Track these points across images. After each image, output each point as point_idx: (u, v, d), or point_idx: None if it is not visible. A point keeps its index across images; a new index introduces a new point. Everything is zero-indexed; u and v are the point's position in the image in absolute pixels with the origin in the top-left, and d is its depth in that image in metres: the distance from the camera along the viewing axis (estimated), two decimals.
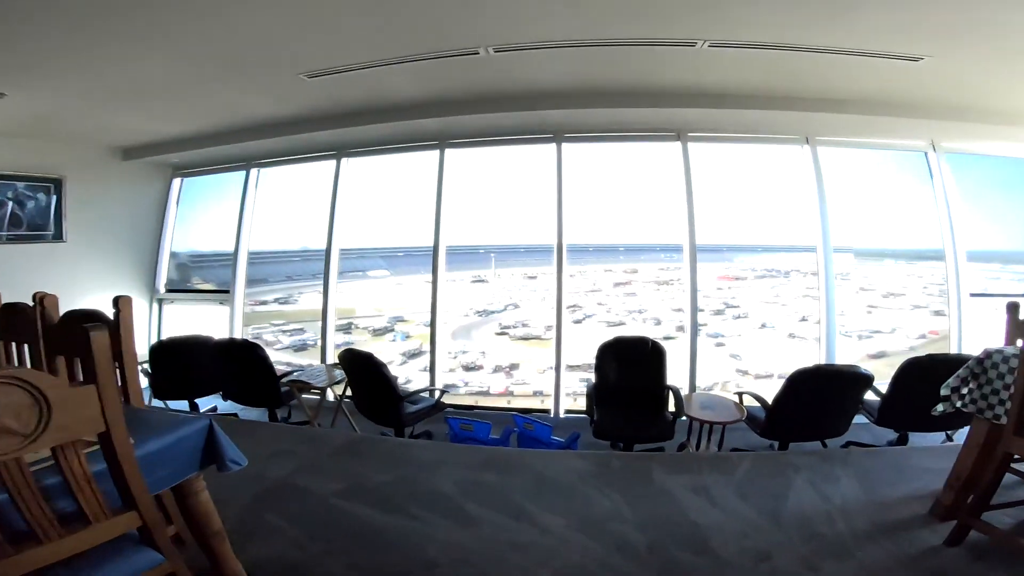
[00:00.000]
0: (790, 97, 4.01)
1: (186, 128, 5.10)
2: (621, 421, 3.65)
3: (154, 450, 1.32)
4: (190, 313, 6.37)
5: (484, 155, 5.47)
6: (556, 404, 4.91)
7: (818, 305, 4.75)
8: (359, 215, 5.72)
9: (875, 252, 5.12)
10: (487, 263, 5.68)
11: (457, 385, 5.37)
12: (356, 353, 3.93)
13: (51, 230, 5.29)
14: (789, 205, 5.14)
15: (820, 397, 3.35)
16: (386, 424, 3.88)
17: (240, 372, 4.15)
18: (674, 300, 5.24)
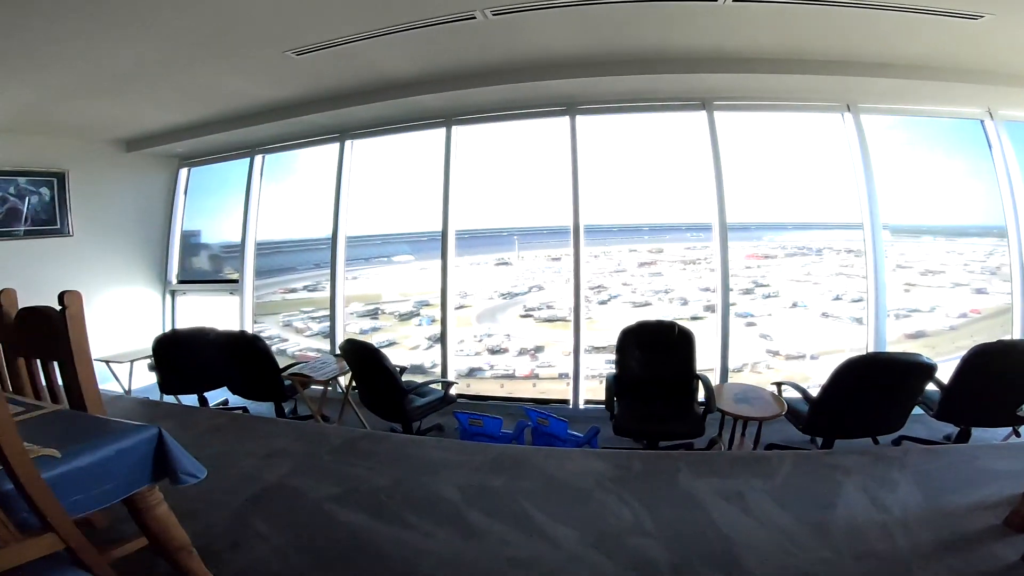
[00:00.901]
0: (829, 60, 3.66)
1: (184, 117, 5.04)
2: (644, 416, 3.42)
3: (87, 464, 1.18)
4: (203, 304, 6.40)
5: (498, 133, 5.28)
6: (575, 394, 4.71)
7: (865, 285, 4.44)
8: (382, 200, 5.73)
9: (912, 228, 4.90)
10: (511, 246, 5.68)
11: (483, 368, 5.40)
12: (356, 344, 3.80)
13: (57, 225, 5.31)
14: (825, 179, 4.90)
15: (874, 389, 3.05)
16: (391, 419, 3.76)
17: (243, 365, 4.07)
18: (701, 280, 5.17)
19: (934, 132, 4.77)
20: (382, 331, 5.73)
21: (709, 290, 5.01)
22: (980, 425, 3.38)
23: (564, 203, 4.63)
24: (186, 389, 4.43)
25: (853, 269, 4.82)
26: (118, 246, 5.95)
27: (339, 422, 4.22)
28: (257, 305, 6.13)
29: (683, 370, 3.62)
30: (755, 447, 3.60)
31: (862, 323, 4.70)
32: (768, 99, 4.34)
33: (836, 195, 4.78)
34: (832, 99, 4.30)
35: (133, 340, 5.24)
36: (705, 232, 4.90)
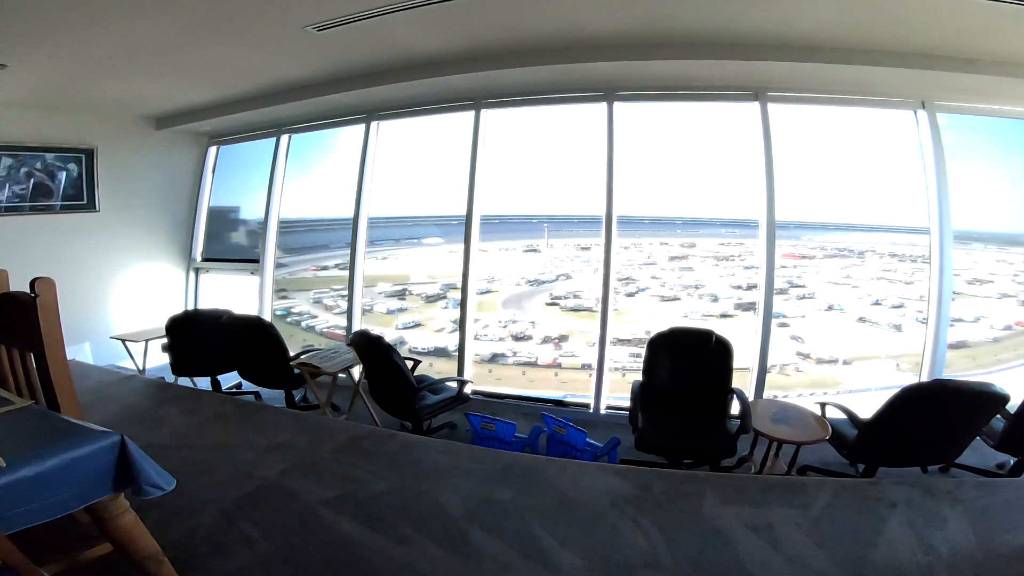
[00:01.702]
0: (901, 52, 3.35)
1: (210, 95, 5.08)
2: (670, 431, 3.22)
3: (34, 474, 1.09)
4: (225, 283, 6.50)
5: (531, 117, 5.14)
6: (596, 398, 4.53)
7: (927, 295, 4.15)
8: (412, 182, 5.78)
9: (961, 234, 4.53)
10: (540, 233, 5.69)
11: (505, 355, 5.42)
12: (367, 336, 3.70)
13: (84, 200, 5.42)
14: (881, 180, 4.68)
15: (936, 419, 2.79)
16: (400, 417, 3.68)
17: (253, 351, 4.05)
18: (733, 277, 5.11)
19: (989, 132, 4.41)
20: (408, 312, 5.78)
21: (741, 288, 4.98)
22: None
23: (596, 193, 4.45)
24: (197, 372, 4.46)
25: (896, 274, 4.74)
26: (144, 222, 6.07)
27: (349, 414, 4.16)
28: (289, 281, 6.26)
29: (717, 383, 3.41)
30: (789, 470, 3.39)
31: (901, 330, 4.63)
32: (831, 92, 4.02)
33: (892, 197, 4.61)
34: (903, 94, 3.96)
35: (152, 318, 5.28)
36: (741, 229, 4.94)
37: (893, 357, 4.67)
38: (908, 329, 4.65)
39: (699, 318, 5.06)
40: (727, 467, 3.29)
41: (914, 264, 4.64)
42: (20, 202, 4.95)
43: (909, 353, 4.58)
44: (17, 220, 4.94)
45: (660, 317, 5.04)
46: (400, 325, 5.72)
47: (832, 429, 3.11)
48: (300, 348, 4.74)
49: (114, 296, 5.83)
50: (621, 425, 4.32)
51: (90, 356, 5.42)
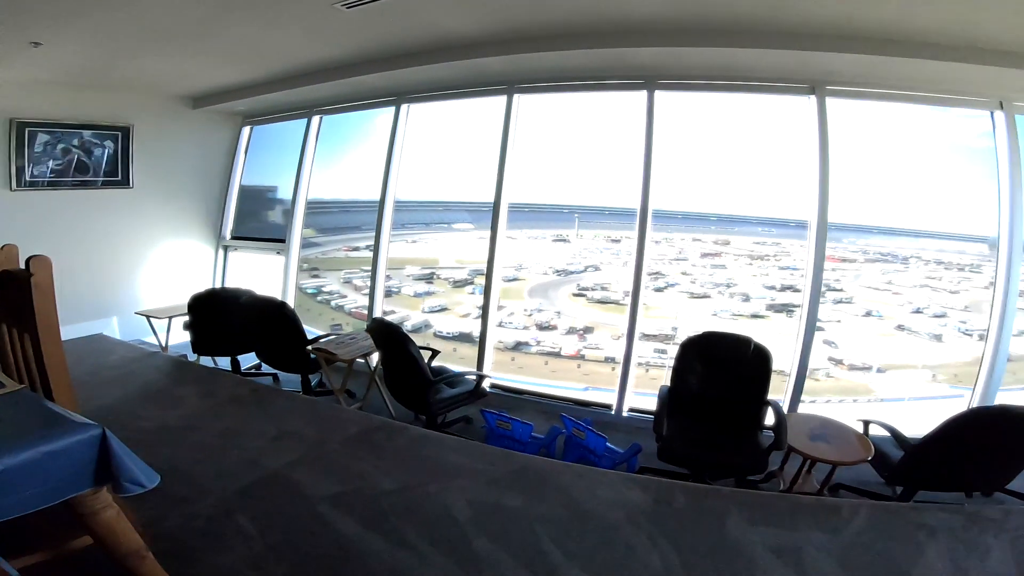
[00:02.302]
0: (979, 48, 3.06)
1: (243, 75, 5.10)
2: (697, 441, 3.07)
3: (3, 468, 1.05)
4: (253, 262, 6.58)
5: (566, 104, 5.00)
6: (620, 400, 4.39)
7: (990, 314, 3.88)
8: (444, 167, 5.77)
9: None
10: (571, 223, 5.64)
11: (529, 343, 5.41)
12: (384, 324, 3.64)
13: (118, 176, 5.53)
14: (939, 183, 4.42)
15: (994, 445, 2.59)
16: (414, 409, 3.63)
17: (271, 333, 4.06)
18: (767, 277, 5.01)
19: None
20: (435, 296, 5.81)
21: (775, 289, 4.92)
22: None
23: (630, 185, 4.28)
24: (217, 351, 4.50)
25: (940, 282, 4.59)
26: (176, 199, 6.18)
27: (364, 401, 4.15)
28: (321, 260, 6.33)
29: (752, 394, 3.23)
30: (822, 489, 3.21)
31: (941, 340, 4.49)
32: (897, 88, 3.71)
33: (948, 201, 4.38)
34: (981, 92, 3.64)
35: (179, 295, 5.36)
36: (779, 228, 4.94)
37: (930, 368, 4.53)
38: (949, 340, 4.51)
39: (729, 317, 4.98)
40: (753, 481, 3.16)
41: (961, 273, 4.52)
42: (59, 177, 5.08)
43: (948, 364, 4.48)
44: (55, 195, 5.07)
45: (688, 314, 5.02)
46: (427, 308, 5.75)
47: (875, 449, 2.93)
48: (328, 328, 4.76)
49: (144, 272, 5.95)
50: (643, 429, 4.19)
51: (117, 331, 5.56)
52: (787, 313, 4.82)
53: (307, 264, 6.29)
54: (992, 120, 3.75)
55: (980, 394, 3.91)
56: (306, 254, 6.24)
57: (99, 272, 5.53)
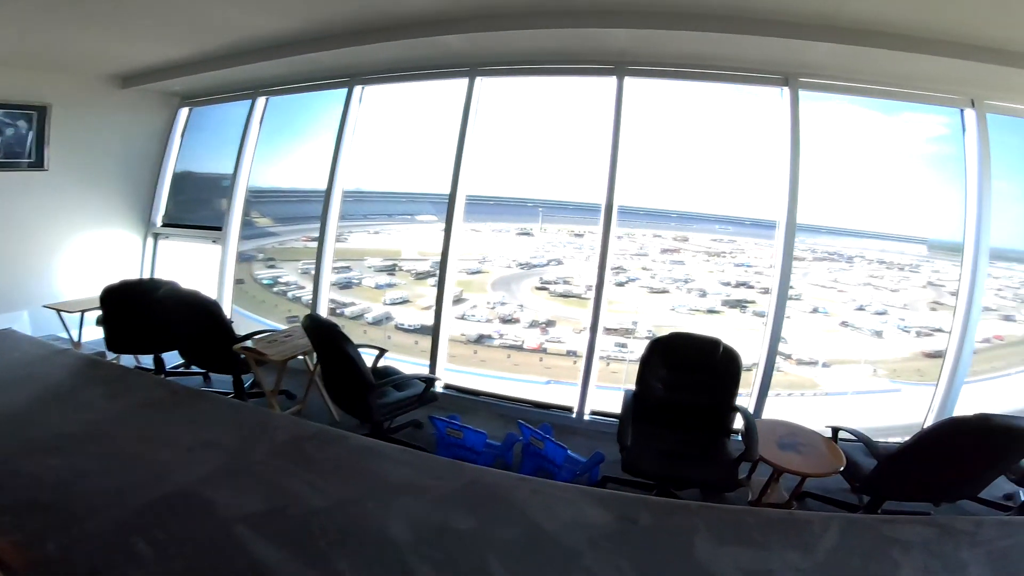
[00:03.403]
0: (954, 42, 3.06)
1: (179, 51, 4.75)
2: (663, 453, 2.91)
3: None
4: (187, 251, 6.18)
5: (530, 90, 4.94)
6: (581, 403, 4.25)
7: (951, 321, 3.95)
8: (405, 156, 5.73)
9: (951, 245, 4.64)
10: (535, 217, 5.80)
11: (492, 336, 5.49)
12: (319, 322, 3.33)
13: (31, 158, 5.05)
14: (885, 184, 4.70)
15: (971, 455, 2.54)
16: (354, 415, 3.37)
17: (192, 330, 3.72)
18: (723, 273, 5.33)
19: None
20: (397, 288, 5.83)
21: (729, 285, 5.22)
22: None
23: (594, 180, 4.19)
24: (135, 348, 4.13)
25: (882, 281, 4.95)
26: (100, 184, 5.73)
27: (303, 404, 3.86)
28: (278, 251, 6.12)
29: (720, 400, 3.12)
30: (791, 500, 3.12)
31: (881, 336, 4.85)
32: (870, 82, 3.70)
33: (895, 205, 4.69)
34: (954, 91, 3.67)
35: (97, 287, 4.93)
36: (735, 226, 5.27)
37: (871, 363, 4.85)
38: (889, 336, 4.86)
39: (687, 312, 5.24)
40: (720, 491, 3.03)
41: (901, 272, 4.91)
42: None
43: (887, 360, 4.85)
44: None
45: (648, 309, 5.30)
46: (388, 301, 5.75)
47: (846, 459, 2.85)
48: (284, 320, 4.78)
49: (60, 261, 5.46)
50: (605, 434, 4.04)
51: (28, 326, 5.08)
52: (741, 309, 5.15)
53: (263, 254, 6.07)
54: (962, 118, 3.81)
55: (944, 389, 3.96)
56: (262, 244, 6.01)
57: (7, 262, 5.03)
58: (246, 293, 6.01)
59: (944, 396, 3.92)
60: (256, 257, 6.06)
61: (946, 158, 4.44)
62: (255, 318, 5.90)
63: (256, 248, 6.07)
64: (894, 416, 4.64)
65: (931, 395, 4.01)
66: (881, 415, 4.73)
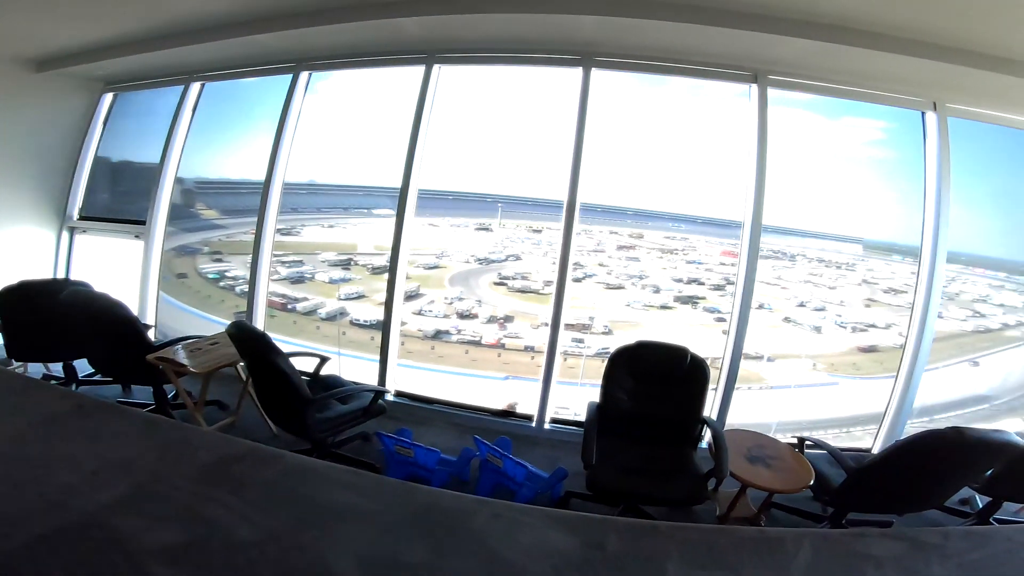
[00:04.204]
0: (923, 42, 3.12)
1: (104, 32, 4.43)
2: (629, 469, 2.82)
3: None
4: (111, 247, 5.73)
5: (492, 81, 5.02)
6: (542, 411, 4.13)
7: (907, 326, 4.02)
8: (366, 149, 5.66)
9: (884, 245, 5.32)
10: (494, 212, 5.92)
11: (450, 332, 5.57)
12: (246, 330, 3.04)
13: None
14: (824, 186, 5.03)
15: (942, 467, 2.56)
16: (290, 432, 3.12)
17: (101, 337, 3.38)
18: (676, 270, 5.61)
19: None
20: (352, 283, 5.82)
21: (681, 281, 5.52)
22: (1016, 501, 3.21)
23: (553, 175, 4.13)
24: (39, 356, 3.75)
25: (821, 279, 5.28)
26: (4, 173, 5.26)
27: (236, 416, 3.58)
28: (225, 244, 5.86)
29: (687, 411, 3.05)
30: (759, 514, 3.07)
31: (820, 332, 5.19)
32: (836, 81, 3.71)
33: (834, 206, 5.05)
34: (914, 91, 3.72)
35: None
36: (687, 224, 5.59)
37: (811, 357, 5.16)
38: (827, 331, 5.22)
39: (641, 308, 5.49)
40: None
41: (838, 270, 5.28)
42: None
43: (826, 354, 5.19)
44: None
45: (604, 304, 5.50)
46: (343, 296, 5.75)
47: (816, 472, 2.82)
48: (232, 315, 4.72)
49: None
50: (567, 443, 3.93)
51: None
52: (692, 305, 5.45)
53: (208, 247, 5.86)
54: (923, 121, 3.87)
55: (903, 381, 4.03)
56: (208, 236, 5.80)
57: None
58: (190, 288, 5.82)
59: (904, 387, 4.02)
60: (201, 251, 5.86)
61: (882, 162, 5.03)
62: (201, 314, 5.73)
63: (202, 241, 5.86)
64: (833, 408, 5.03)
65: (891, 387, 4.13)
66: (822, 407, 5.09)
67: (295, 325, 5.72)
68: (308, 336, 5.68)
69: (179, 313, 5.58)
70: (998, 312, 5.00)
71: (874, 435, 4.20)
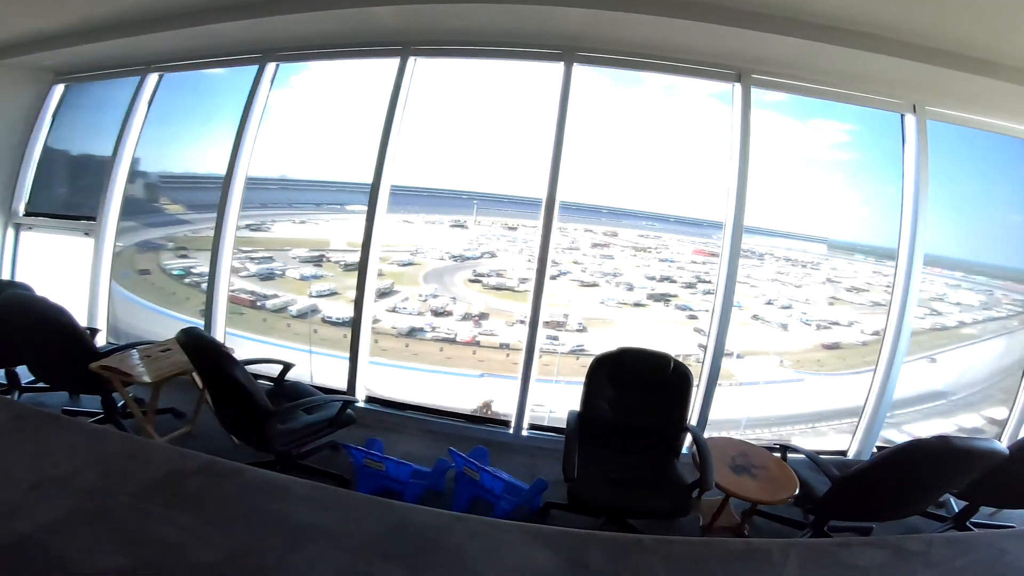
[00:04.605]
0: (905, 42, 3.14)
1: (53, 21, 4.23)
2: (611, 481, 2.74)
3: None
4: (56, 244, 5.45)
5: (468, 75, 4.92)
6: (519, 416, 4.02)
7: (884, 327, 4.06)
8: (340, 144, 5.52)
9: (847, 245, 5.49)
10: (469, 209, 5.94)
11: (424, 329, 5.55)
12: (198, 339, 2.82)
13: None
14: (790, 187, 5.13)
15: (927, 475, 2.54)
16: (251, 445, 2.95)
17: (39, 344, 3.15)
18: (649, 268, 5.73)
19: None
20: (324, 280, 5.74)
21: (654, 279, 5.62)
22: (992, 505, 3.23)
23: (531, 172, 4.08)
24: None
25: (788, 277, 5.40)
26: None
27: (191, 427, 3.40)
28: (191, 240, 5.65)
29: (670, 419, 2.99)
30: (743, 523, 3.03)
31: (787, 329, 5.31)
32: (819, 82, 3.71)
33: (799, 207, 5.17)
34: (896, 95, 3.75)
35: None
36: (660, 223, 5.72)
37: (778, 354, 5.27)
38: (793, 329, 5.35)
39: (615, 305, 5.57)
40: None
41: (804, 269, 5.41)
42: None
43: (792, 351, 5.33)
44: None
45: (579, 301, 5.57)
46: (314, 293, 5.66)
47: (800, 481, 2.79)
48: (197, 313, 4.41)
49: None
50: (545, 451, 3.85)
51: None
52: (665, 302, 5.55)
53: (173, 243, 5.69)
54: (902, 124, 3.91)
55: (880, 382, 4.07)
56: (173, 232, 5.66)
57: None
58: (154, 285, 5.65)
59: (883, 380, 4.06)
60: (166, 246, 5.68)
61: (846, 164, 5.25)
62: (165, 312, 5.54)
63: (166, 237, 5.69)
64: (799, 404, 5.15)
65: (870, 379, 4.18)
66: (789, 404, 5.21)
67: (265, 323, 5.63)
68: (279, 334, 5.59)
69: (142, 311, 5.42)
70: (955, 310, 5.18)
71: (851, 434, 4.28)
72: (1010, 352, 4.86)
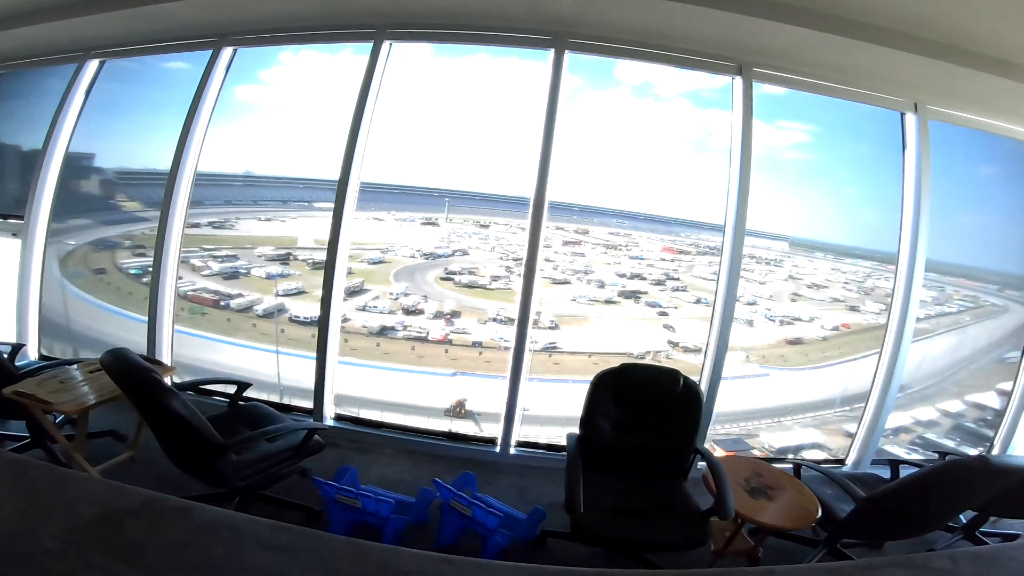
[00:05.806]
0: (912, 35, 3.08)
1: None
2: (618, 515, 2.51)
3: None
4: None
5: (449, 62, 4.87)
6: (507, 434, 3.81)
7: (882, 342, 4.09)
8: (307, 139, 5.55)
9: (809, 243, 5.83)
10: (440, 206, 6.09)
11: (395, 328, 5.63)
12: (124, 363, 2.42)
13: None
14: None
15: (961, 495, 2.47)
16: (200, 480, 2.64)
17: None
18: (619, 266, 5.94)
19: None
20: (292, 279, 5.76)
21: (624, 276, 5.86)
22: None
23: (505, 168, 4.02)
24: None
25: (752, 274, 5.62)
26: None
27: (134, 452, 3.09)
28: (149, 238, 5.03)
29: (678, 441, 2.82)
30: (756, 547, 2.87)
31: (752, 325, 5.55)
32: (821, 77, 3.63)
33: (763, 205, 4.97)
34: (899, 92, 3.67)
35: None
36: (630, 220, 5.96)
37: (744, 350, 5.46)
38: (758, 325, 5.60)
39: (586, 302, 5.75)
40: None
41: (767, 266, 5.68)
42: None
43: (757, 346, 5.55)
44: None
45: (551, 299, 5.75)
46: (281, 291, 5.67)
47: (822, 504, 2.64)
48: None
49: None
50: (536, 469, 3.64)
51: None
52: (635, 299, 5.76)
53: (130, 241, 5.61)
54: (902, 123, 3.84)
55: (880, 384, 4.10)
56: (129, 230, 5.57)
57: None
58: (110, 285, 5.54)
59: (882, 390, 4.11)
60: (122, 244, 5.60)
61: (806, 164, 5.55)
62: (123, 312, 5.42)
63: (123, 235, 5.60)
64: (766, 399, 5.40)
65: (875, 363, 4.22)
66: (756, 398, 5.41)
67: (229, 323, 5.57)
68: (244, 334, 5.53)
69: (98, 312, 5.29)
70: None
71: (849, 440, 4.30)
72: (962, 346, 5.19)
